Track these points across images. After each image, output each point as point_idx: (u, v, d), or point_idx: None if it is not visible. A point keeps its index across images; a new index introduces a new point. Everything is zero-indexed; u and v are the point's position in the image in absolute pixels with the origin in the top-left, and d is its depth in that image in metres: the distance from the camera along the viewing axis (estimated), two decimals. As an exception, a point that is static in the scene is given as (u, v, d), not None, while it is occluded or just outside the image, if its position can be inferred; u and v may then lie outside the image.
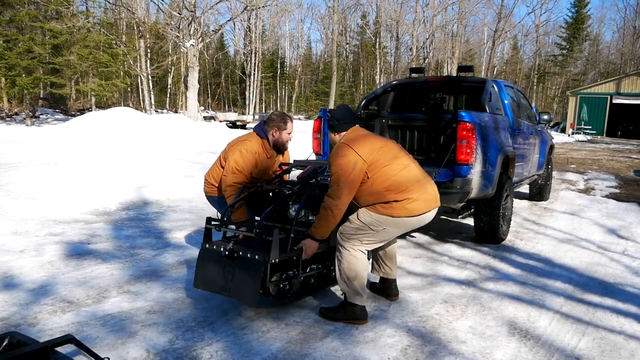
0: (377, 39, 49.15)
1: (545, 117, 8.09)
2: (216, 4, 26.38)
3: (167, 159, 10.64)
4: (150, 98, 32.79)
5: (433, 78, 7.40)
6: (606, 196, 9.50)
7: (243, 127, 29.44)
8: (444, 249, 5.44)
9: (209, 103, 54.99)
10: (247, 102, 44.01)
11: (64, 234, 5.28)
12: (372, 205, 3.30)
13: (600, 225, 6.86)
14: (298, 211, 3.47)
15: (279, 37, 59.72)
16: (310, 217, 3.73)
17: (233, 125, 28.85)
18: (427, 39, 42.16)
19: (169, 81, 46.40)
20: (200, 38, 25.40)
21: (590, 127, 37.17)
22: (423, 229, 6.10)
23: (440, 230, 6.32)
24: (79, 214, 6.24)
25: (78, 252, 4.69)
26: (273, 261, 3.09)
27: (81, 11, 28.01)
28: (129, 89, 36.98)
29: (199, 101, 30.72)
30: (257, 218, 3.98)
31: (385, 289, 3.90)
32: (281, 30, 59.75)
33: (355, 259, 3.34)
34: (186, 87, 25.93)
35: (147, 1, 33.62)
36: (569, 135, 34.75)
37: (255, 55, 42.97)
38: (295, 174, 4.31)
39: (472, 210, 5.54)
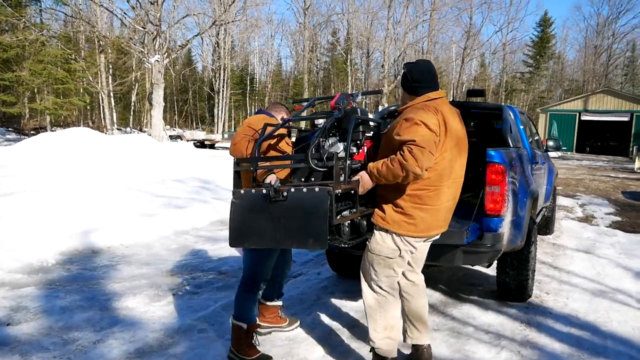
0: (348, 56, 48.67)
1: (552, 143, 7.27)
2: (182, 18, 25.19)
3: (124, 191, 9.36)
4: (112, 116, 31.15)
5: None
6: (610, 226, 8.80)
7: (212, 146, 28.16)
8: (464, 312, 4.43)
9: (176, 121, 53.35)
10: (215, 120, 42.58)
11: (-22, 307, 4.07)
12: None
13: (624, 268, 6.01)
14: (349, 144, 2.87)
15: (248, 53, 58.70)
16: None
17: (201, 144, 27.50)
18: (399, 56, 41.77)
19: (133, 98, 44.61)
20: (166, 53, 24.14)
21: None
22: (432, 282, 5.11)
23: (450, 280, 5.33)
24: (5, 272, 4.98)
25: (-10, 339, 3.50)
26: (337, 193, 2.62)
27: (35, 23, 26.34)
28: (88, 107, 35.21)
29: (165, 119, 29.40)
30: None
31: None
32: (250, 46, 58.77)
33: None
34: (151, 105, 24.56)
35: (110, 15, 32.17)
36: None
37: (224, 72, 41.77)
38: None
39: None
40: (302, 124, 3.90)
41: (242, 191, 2.81)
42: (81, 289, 4.71)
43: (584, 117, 38.63)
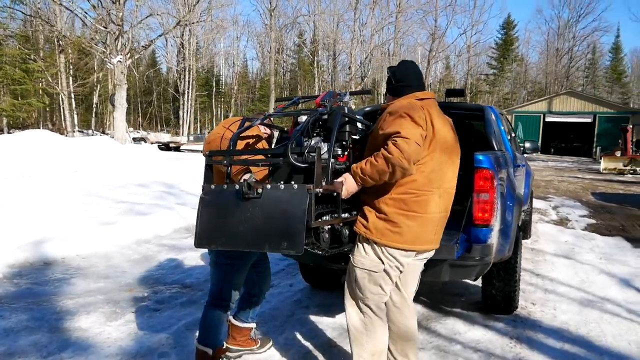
0: (315, 57, 48.46)
1: (529, 145, 7.09)
2: (145, 18, 24.44)
3: (83, 196, 8.79)
4: (73, 118, 30.00)
5: None
6: (585, 229, 8.70)
7: (177, 149, 27.43)
8: (449, 328, 4.12)
9: (140, 123, 52.06)
10: (181, 122, 41.65)
11: None
12: None
13: (607, 275, 5.82)
14: (333, 142, 2.58)
15: (213, 55, 57.82)
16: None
17: (166, 147, 26.76)
18: (365, 58, 41.75)
19: (95, 100, 43.20)
20: (129, 54, 23.38)
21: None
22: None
23: (431, 291, 5.04)
24: (-59, 292, 4.47)
25: None
26: (318, 192, 2.35)
27: (-11, 22, 25.17)
28: (48, 109, 33.89)
29: (128, 121, 28.51)
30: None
31: None
32: (216, 48, 57.90)
33: None
34: (113, 106, 23.72)
35: (71, 14, 30.98)
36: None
37: (189, 73, 40.93)
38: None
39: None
40: (284, 125, 3.57)
41: (212, 186, 2.57)
42: (29, 306, 4.22)
43: (549, 119, 39.40)
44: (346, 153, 2.81)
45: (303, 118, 2.86)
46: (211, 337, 3.11)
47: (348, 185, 2.62)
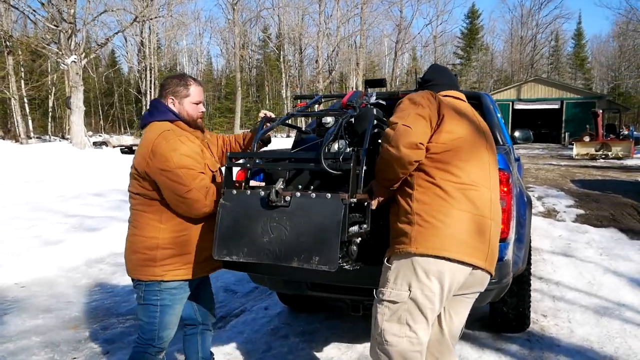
0: (281, 52, 47.65)
1: (520, 134, 6.52)
2: (100, 14, 23.13)
3: (28, 212, 7.86)
4: (27, 124, 28.45)
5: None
6: (576, 220, 8.28)
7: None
8: (457, 354, 3.49)
9: (102, 126, 50.23)
10: (144, 123, 40.24)
11: None
12: None
13: (614, 274, 5.33)
14: (366, 146, 2.32)
15: (176, 52, 56.40)
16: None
17: (129, 150, 25.49)
18: (332, 51, 41.13)
19: (51, 103, 41.27)
20: (84, 54, 22.16)
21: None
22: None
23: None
24: None
25: None
26: (352, 202, 2.14)
27: None
28: (-1, 115, 32.15)
29: (89, 124, 27.21)
30: None
31: None
32: (178, 45, 56.46)
33: None
34: (70, 110, 22.46)
35: (20, 13, 29.28)
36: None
37: (150, 72, 39.56)
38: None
39: None
40: (303, 124, 3.71)
41: (234, 191, 2.31)
42: (-58, 361, 3.43)
43: (517, 106, 39.54)
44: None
45: (328, 119, 2.63)
46: None
47: (378, 190, 2.31)
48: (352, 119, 2.56)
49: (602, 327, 3.93)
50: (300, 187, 2.41)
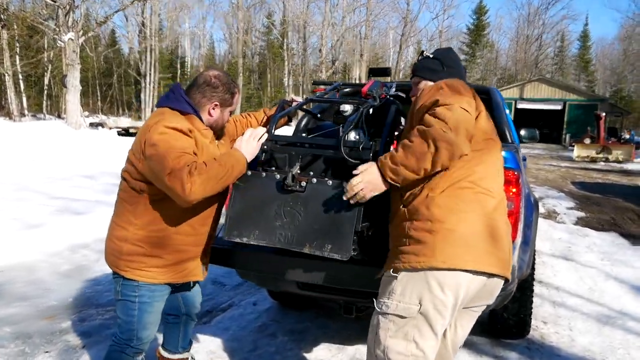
0: (285, 40, 47.21)
1: (526, 133, 6.30)
2: (100, -9, 22.72)
3: (13, 192, 7.59)
4: (21, 101, 28.00)
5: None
6: (577, 223, 8.13)
7: (138, 134, 25.92)
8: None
9: (100, 107, 49.70)
10: (143, 106, 39.75)
11: None
12: None
13: (615, 280, 5.17)
14: (385, 137, 2.32)
15: (178, 35, 55.69)
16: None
17: (126, 132, 25.16)
18: (336, 41, 40.74)
19: (47, 81, 40.59)
20: (82, 31, 21.78)
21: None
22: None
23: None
24: None
25: None
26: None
27: None
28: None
29: (87, 105, 26.85)
30: None
31: None
32: (181, 28, 55.76)
33: None
34: (66, 88, 22.10)
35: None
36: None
37: (151, 54, 39.01)
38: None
39: None
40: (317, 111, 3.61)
41: (248, 172, 2.27)
42: None
43: (520, 105, 39.30)
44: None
45: (346, 107, 2.67)
46: None
47: (370, 178, 1.94)
48: (371, 110, 2.52)
49: (605, 337, 3.76)
50: (311, 174, 2.34)
